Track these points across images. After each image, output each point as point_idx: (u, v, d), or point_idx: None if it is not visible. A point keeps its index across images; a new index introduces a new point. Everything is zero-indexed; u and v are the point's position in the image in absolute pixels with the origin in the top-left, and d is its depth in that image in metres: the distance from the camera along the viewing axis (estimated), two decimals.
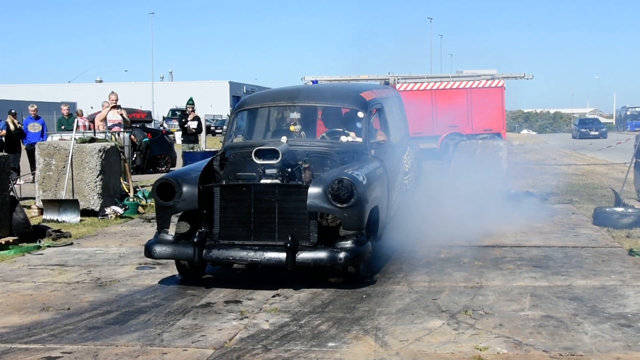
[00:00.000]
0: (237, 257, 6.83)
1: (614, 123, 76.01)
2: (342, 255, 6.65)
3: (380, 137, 8.61)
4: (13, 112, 17.79)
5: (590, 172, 20.00)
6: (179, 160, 20.78)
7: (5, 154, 10.18)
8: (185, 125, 18.31)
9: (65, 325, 5.91)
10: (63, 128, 18.06)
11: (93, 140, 12.80)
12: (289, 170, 7.30)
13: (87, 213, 11.82)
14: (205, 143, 25.84)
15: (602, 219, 10.27)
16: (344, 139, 8.14)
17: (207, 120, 39.53)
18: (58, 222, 11.24)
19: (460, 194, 11.11)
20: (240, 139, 8.54)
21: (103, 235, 10.39)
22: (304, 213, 6.89)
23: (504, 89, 21.21)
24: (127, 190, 13.34)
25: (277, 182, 7.12)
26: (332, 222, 7.12)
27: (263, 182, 7.13)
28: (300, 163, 7.42)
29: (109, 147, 12.53)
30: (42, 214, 11.68)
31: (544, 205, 12.58)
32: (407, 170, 9.36)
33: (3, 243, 9.21)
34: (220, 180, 7.55)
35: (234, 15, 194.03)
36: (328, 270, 7.22)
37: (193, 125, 18.30)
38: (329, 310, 6.20)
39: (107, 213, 11.86)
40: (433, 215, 9.89)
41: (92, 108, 48.19)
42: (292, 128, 8.17)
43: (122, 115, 16.56)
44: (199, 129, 18.73)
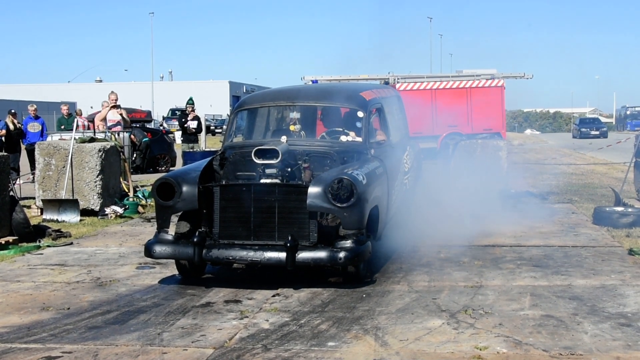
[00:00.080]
0: (237, 256, 6.84)
1: (614, 123, 75.98)
2: (342, 255, 6.66)
3: (380, 136, 8.61)
4: (13, 111, 17.77)
5: (590, 171, 20.00)
6: (179, 160, 20.78)
7: (5, 154, 10.18)
8: (185, 125, 18.31)
9: (65, 325, 5.91)
10: (63, 128, 18.05)
11: (93, 140, 12.80)
12: (289, 170, 7.31)
13: (87, 213, 11.82)
14: (205, 143, 25.83)
15: (602, 219, 10.28)
16: (344, 139, 8.13)
17: (206, 120, 39.52)
18: (58, 221, 11.23)
19: (460, 194, 11.11)
20: (240, 139, 8.54)
21: (103, 235, 10.38)
22: (304, 213, 6.90)
23: (504, 89, 21.20)
24: (127, 190, 13.34)
25: (277, 181, 7.12)
26: (332, 221, 7.12)
27: (263, 181, 7.13)
28: (300, 163, 7.42)
29: (109, 146, 12.53)
30: (42, 214, 11.68)
31: (544, 205, 12.59)
32: (406, 170, 9.36)
33: (3, 243, 9.21)
34: (220, 180, 7.54)
35: (234, 15, 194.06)
36: (328, 270, 7.22)
37: (193, 125, 18.30)
38: (329, 310, 6.20)
39: (107, 213, 11.85)
40: (433, 215, 9.89)
41: (92, 108, 48.19)
42: (292, 128, 8.17)
43: (121, 115, 16.56)
44: (199, 129, 18.73)
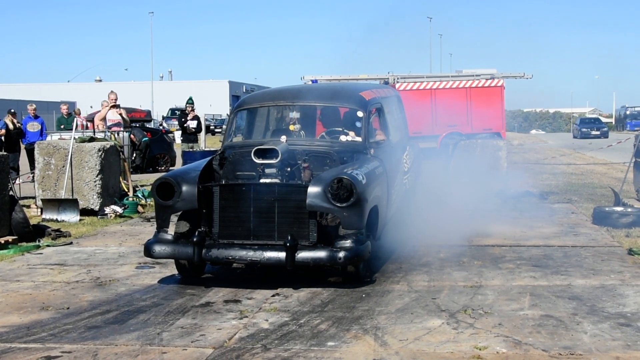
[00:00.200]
0: (236, 256, 6.83)
1: (614, 122, 75.95)
2: (341, 255, 6.66)
3: (380, 136, 8.60)
4: (12, 111, 17.76)
5: (590, 171, 20.01)
6: (179, 160, 20.78)
7: (5, 154, 10.18)
8: (185, 125, 18.29)
9: (65, 325, 5.91)
10: (62, 127, 18.03)
11: (92, 140, 12.79)
12: (289, 170, 7.31)
13: (86, 212, 11.82)
14: (205, 142, 25.82)
15: (601, 219, 10.27)
16: (344, 139, 8.13)
17: (206, 120, 39.55)
18: (57, 221, 11.23)
19: (460, 194, 11.12)
20: (240, 139, 8.53)
21: (102, 235, 10.38)
22: (304, 212, 6.89)
23: (504, 89, 21.19)
24: (126, 190, 13.35)
25: (276, 181, 7.12)
26: (331, 221, 7.12)
27: (262, 181, 7.13)
28: (300, 162, 7.42)
29: (109, 146, 12.53)
30: (41, 214, 11.68)
31: (544, 205, 12.59)
32: (406, 170, 9.35)
33: (2, 242, 9.21)
34: (220, 180, 7.54)
35: (234, 15, 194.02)
36: (327, 270, 7.22)
37: (192, 125, 18.28)
38: (329, 310, 6.20)
39: (106, 212, 11.85)
40: (432, 215, 9.89)
41: (91, 107, 48.22)
42: (291, 127, 8.17)
43: (121, 115, 16.54)
44: (199, 129, 18.71)
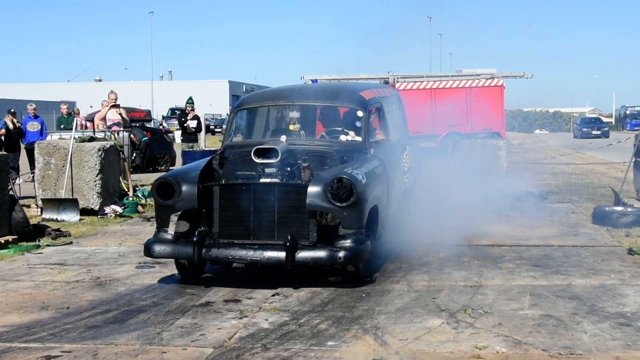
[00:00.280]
0: (236, 256, 6.84)
1: (613, 122, 75.94)
2: (341, 254, 6.66)
3: (380, 136, 8.60)
4: (12, 111, 17.77)
5: (590, 171, 20.01)
6: (179, 160, 20.78)
7: (5, 153, 10.19)
8: (185, 125, 18.29)
9: (65, 324, 5.91)
10: (62, 127, 18.04)
11: (92, 140, 12.79)
12: (289, 169, 7.31)
13: (86, 212, 11.82)
14: (205, 142, 25.82)
15: (601, 218, 10.27)
16: (344, 138, 8.13)
17: (206, 120, 39.56)
18: (57, 221, 11.23)
19: (460, 193, 11.11)
20: (240, 138, 8.53)
21: (102, 235, 10.38)
22: (304, 212, 6.90)
23: (504, 88, 21.17)
24: (126, 189, 13.35)
25: (276, 181, 7.12)
26: (331, 221, 7.12)
27: (262, 181, 7.13)
28: (300, 162, 7.42)
29: (109, 146, 12.53)
30: (41, 213, 11.68)
31: (543, 205, 12.59)
32: (406, 170, 9.35)
33: (2, 242, 9.21)
34: (220, 180, 7.54)
35: (234, 15, 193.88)
36: (327, 269, 7.22)
37: (192, 125, 18.28)
38: (329, 309, 6.20)
39: (106, 212, 11.85)
40: (432, 214, 9.89)
41: (91, 107, 48.22)
42: (291, 127, 8.17)
43: (121, 115, 16.54)
44: (199, 128, 18.71)
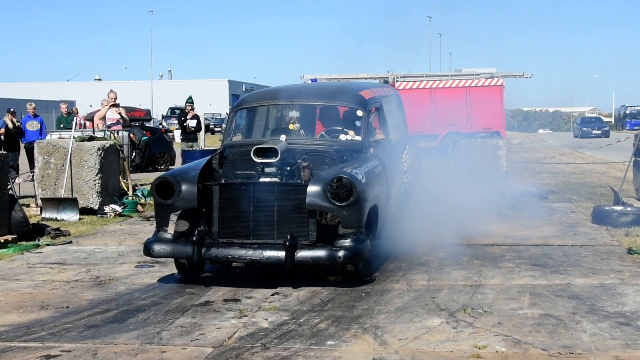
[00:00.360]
0: (236, 255, 6.83)
1: (613, 122, 75.95)
2: (341, 254, 6.66)
3: (379, 135, 8.60)
4: (12, 110, 17.76)
5: (590, 170, 20.02)
6: (178, 159, 20.77)
7: (4, 153, 10.20)
8: (185, 124, 18.29)
9: (64, 324, 5.91)
10: (62, 126, 18.03)
11: (92, 139, 12.79)
12: (288, 169, 7.30)
13: (86, 211, 11.81)
14: (205, 141, 25.78)
15: (601, 218, 10.28)
16: (343, 138, 8.13)
17: (206, 119, 39.51)
18: (57, 220, 11.23)
19: (460, 193, 11.11)
20: (239, 138, 8.53)
21: (102, 234, 10.38)
22: (303, 211, 6.89)
23: (503, 88, 21.17)
24: (126, 189, 13.34)
25: (276, 180, 7.12)
26: (331, 220, 7.11)
27: (262, 180, 7.13)
28: (300, 161, 7.41)
29: (108, 145, 12.52)
30: (41, 213, 11.68)
31: (543, 204, 12.59)
32: (406, 169, 9.35)
33: (2, 241, 9.20)
34: (219, 179, 7.54)
35: (234, 14, 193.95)
36: (327, 269, 7.22)
37: (192, 124, 18.28)
38: (328, 309, 6.20)
39: (106, 211, 11.85)
40: (432, 214, 9.89)
41: (91, 106, 48.22)
42: (291, 126, 8.16)
43: (120, 114, 16.53)
44: (198, 128, 18.71)
